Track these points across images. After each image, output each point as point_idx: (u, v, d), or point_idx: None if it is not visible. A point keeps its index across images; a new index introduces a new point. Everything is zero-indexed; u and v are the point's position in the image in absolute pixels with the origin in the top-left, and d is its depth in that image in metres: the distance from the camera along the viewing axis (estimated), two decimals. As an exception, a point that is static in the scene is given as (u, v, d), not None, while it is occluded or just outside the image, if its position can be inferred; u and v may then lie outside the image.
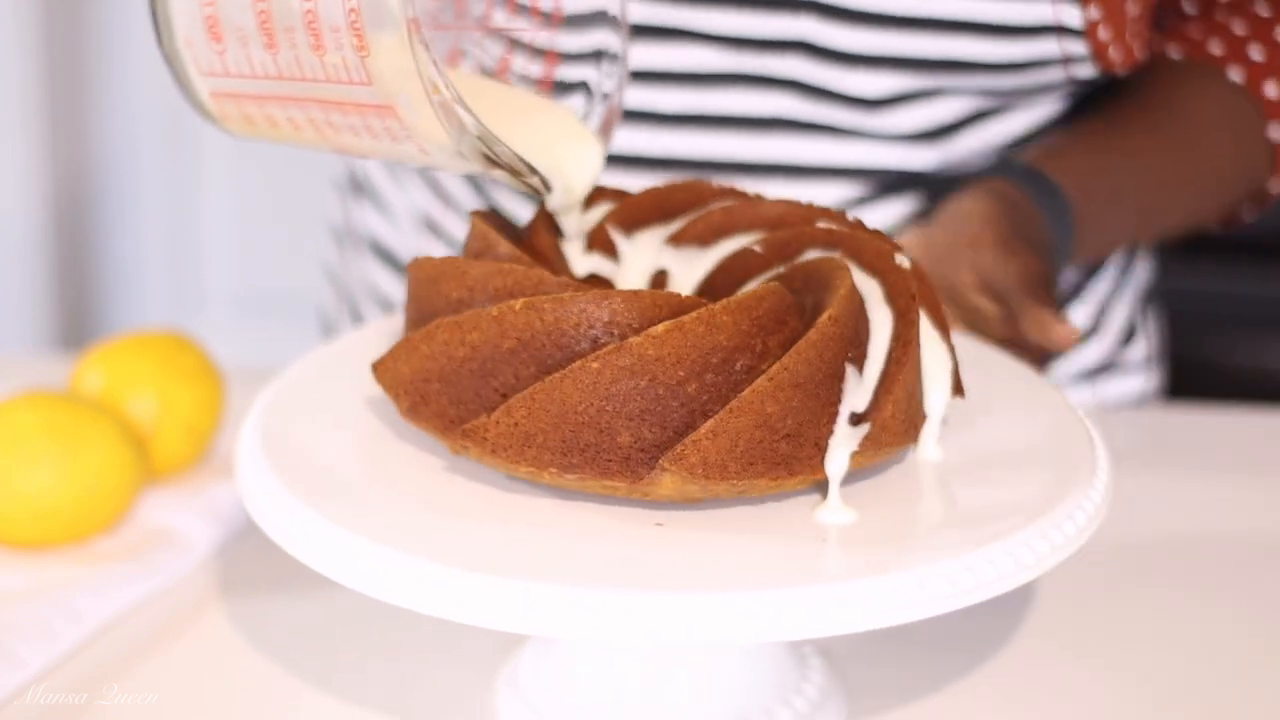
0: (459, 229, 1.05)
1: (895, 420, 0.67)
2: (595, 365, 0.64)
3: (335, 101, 0.69)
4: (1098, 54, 0.92)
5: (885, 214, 0.97)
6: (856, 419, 0.67)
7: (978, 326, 0.85)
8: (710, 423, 0.64)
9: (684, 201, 0.78)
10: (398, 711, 0.76)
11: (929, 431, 0.70)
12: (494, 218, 0.75)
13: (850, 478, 0.67)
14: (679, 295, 0.67)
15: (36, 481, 0.84)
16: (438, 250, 1.06)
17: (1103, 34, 0.91)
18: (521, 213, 1.01)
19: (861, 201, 0.96)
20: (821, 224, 0.74)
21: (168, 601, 0.84)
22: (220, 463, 0.95)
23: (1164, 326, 1.21)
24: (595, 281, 0.76)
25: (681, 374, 0.65)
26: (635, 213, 0.77)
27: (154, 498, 0.90)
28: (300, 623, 0.82)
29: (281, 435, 0.71)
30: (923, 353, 0.70)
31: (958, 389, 0.71)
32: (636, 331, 0.65)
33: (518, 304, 0.66)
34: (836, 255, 0.72)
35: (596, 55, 0.77)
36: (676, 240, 0.76)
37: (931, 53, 0.91)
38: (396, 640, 0.81)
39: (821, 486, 0.67)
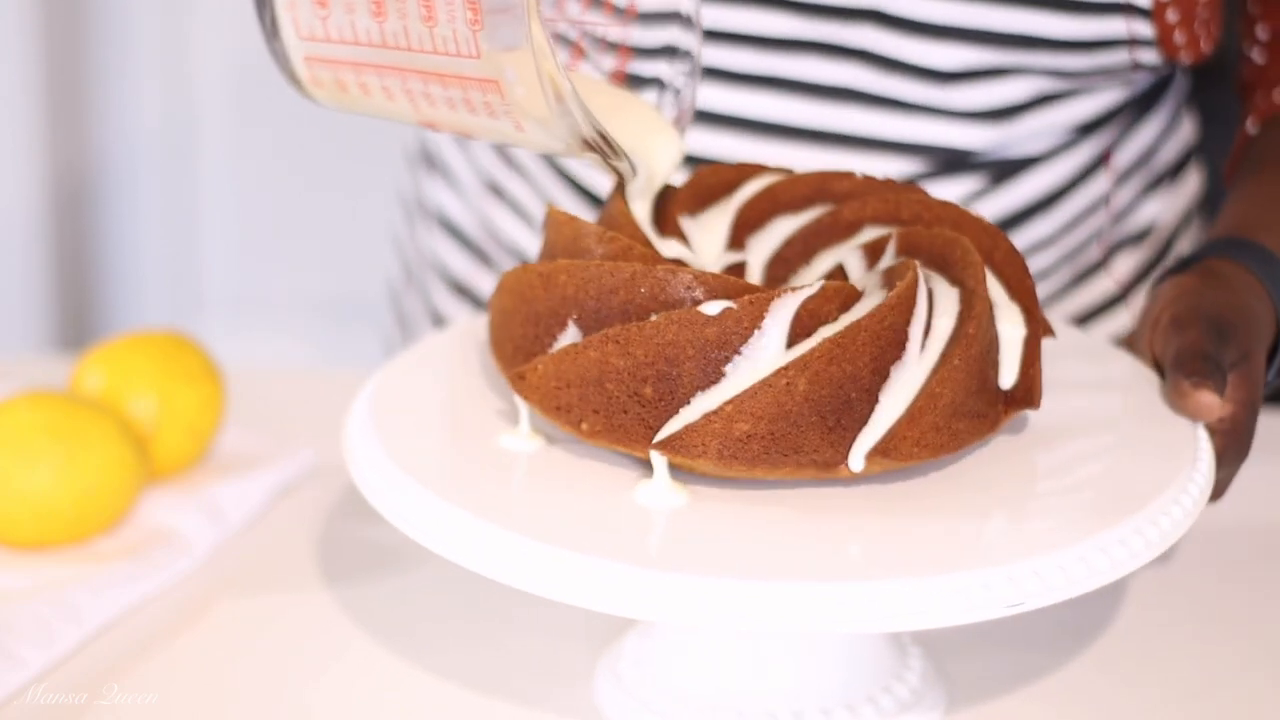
0: (523, 193, 1.06)
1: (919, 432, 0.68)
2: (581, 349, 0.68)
3: (437, 73, 0.69)
4: (1162, 38, 0.94)
5: (943, 192, 0.98)
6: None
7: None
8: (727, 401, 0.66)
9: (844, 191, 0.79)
10: (403, 713, 0.76)
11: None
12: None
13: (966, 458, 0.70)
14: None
15: (36, 481, 0.84)
16: (501, 214, 1.08)
17: (1170, 16, 0.93)
18: (590, 177, 1.02)
19: (921, 178, 0.98)
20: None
21: (168, 601, 0.84)
22: (220, 462, 0.95)
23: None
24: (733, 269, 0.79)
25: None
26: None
27: (154, 498, 0.90)
28: (300, 622, 0.82)
29: (389, 418, 0.73)
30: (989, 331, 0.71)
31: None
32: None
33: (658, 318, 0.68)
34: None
35: (669, 51, 0.79)
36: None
37: (1002, 26, 0.94)
38: (401, 640, 0.81)
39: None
